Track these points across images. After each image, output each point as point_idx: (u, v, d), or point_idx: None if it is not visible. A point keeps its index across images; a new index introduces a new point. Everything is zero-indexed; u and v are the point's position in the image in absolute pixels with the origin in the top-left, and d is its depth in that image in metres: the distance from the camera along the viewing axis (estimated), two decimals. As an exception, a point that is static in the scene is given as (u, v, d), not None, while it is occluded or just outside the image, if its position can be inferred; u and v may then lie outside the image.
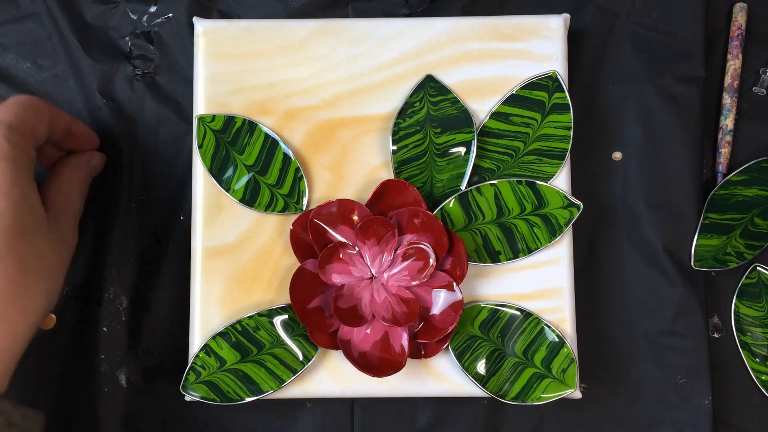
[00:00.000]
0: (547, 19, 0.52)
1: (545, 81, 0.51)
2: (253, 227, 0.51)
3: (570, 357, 0.49)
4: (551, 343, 0.50)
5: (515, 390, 0.49)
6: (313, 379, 0.50)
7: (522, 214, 0.51)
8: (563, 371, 0.49)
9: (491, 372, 0.50)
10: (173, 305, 0.54)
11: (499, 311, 0.50)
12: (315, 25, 0.52)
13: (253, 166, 0.51)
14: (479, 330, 0.50)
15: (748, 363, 0.53)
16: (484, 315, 0.50)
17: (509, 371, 0.50)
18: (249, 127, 0.51)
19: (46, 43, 0.57)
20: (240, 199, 0.51)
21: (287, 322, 0.50)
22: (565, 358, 0.49)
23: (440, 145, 0.51)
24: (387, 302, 0.48)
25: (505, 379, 0.50)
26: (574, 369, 0.49)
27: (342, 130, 0.52)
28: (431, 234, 0.48)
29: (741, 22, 0.55)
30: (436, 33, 0.52)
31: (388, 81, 0.52)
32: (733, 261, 0.53)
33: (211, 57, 0.52)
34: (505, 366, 0.50)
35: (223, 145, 0.51)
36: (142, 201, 0.55)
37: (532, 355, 0.50)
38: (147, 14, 0.57)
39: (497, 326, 0.50)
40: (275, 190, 0.51)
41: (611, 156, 0.55)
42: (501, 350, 0.50)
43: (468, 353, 0.50)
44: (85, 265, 0.54)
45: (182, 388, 0.50)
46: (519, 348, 0.50)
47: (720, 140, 0.55)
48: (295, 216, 0.50)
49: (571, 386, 0.49)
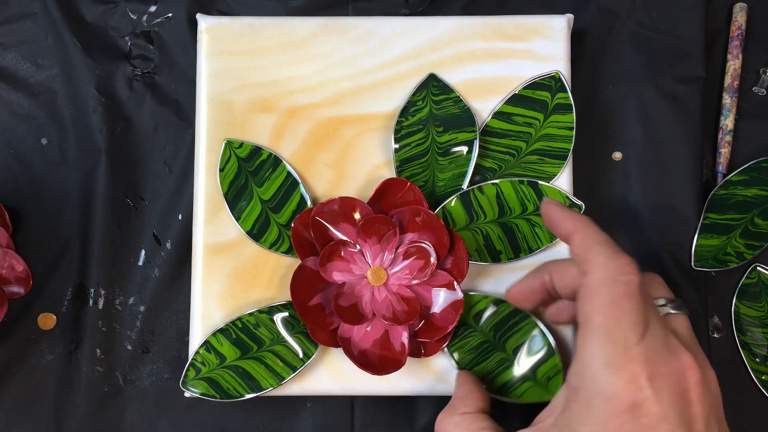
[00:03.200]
0: (551, 19, 0.52)
1: (548, 81, 0.51)
2: (254, 224, 0.51)
3: (558, 367, 0.49)
4: (542, 349, 0.49)
5: (497, 384, 0.49)
6: (313, 377, 0.50)
7: (524, 213, 0.51)
8: (548, 379, 0.49)
9: (475, 362, 0.49)
10: (173, 304, 0.54)
11: (499, 306, 0.50)
12: (318, 23, 0.52)
13: (268, 201, 0.51)
14: (473, 320, 0.50)
15: (748, 363, 0.53)
16: (482, 306, 0.50)
17: (494, 366, 0.49)
18: (273, 162, 0.51)
19: (45, 42, 0.56)
20: (248, 231, 0.51)
21: (288, 319, 0.50)
22: (552, 366, 0.49)
23: (442, 144, 0.51)
24: (387, 300, 0.48)
25: (489, 371, 0.49)
26: (559, 379, 0.49)
27: (344, 128, 0.52)
28: (432, 233, 0.48)
29: (741, 22, 0.56)
30: (439, 32, 0.52)
31: (390, 79, 0.52)
32: (733, 261, 0.53)
33: (214, 54, 0.52)
34: (491, 360, 0.49)
35: (243, 173, 0.51)
36: (141, 201, 0.55)
37: (520, 356, 0.49)
38: (147, 14, 0.57)
39: (493, 320, 0.50)
40: (284, 231, 0.51)
41: (611, 156, 0.55)
42: (490, 343, 0.50)
43: (456, 339, 0.50)
44: (85, 265, 0.54)
45: (182, 385, 0.50)
46: (510, 346, 0.49)
47: (720, 140, 0.55)
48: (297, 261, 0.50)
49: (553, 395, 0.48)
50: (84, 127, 0.55)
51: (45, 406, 0.53)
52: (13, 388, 0.53)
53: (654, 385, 0.36)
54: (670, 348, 0.38)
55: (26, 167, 0.55)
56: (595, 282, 0.39)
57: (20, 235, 0.54)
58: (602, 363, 0.37)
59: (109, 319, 0.54)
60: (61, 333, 0.54)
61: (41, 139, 0.56)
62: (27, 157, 0.55)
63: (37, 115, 0.56)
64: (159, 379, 0.54)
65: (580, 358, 0.38)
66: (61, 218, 0.55)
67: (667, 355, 0.38)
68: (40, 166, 0.55)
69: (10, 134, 0.56)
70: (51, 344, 0.54)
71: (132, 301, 0.54)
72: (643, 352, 0.37)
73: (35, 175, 0.55)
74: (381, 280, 0.49)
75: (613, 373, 0.37)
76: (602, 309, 0.38)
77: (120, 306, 0.54)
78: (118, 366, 0.54)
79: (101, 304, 0.54)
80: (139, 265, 0.55)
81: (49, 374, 0.53)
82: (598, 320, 0.38)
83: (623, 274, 0.39)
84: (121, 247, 0.55)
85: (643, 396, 0.36)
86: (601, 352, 0.37)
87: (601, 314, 0.38)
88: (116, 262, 0.54)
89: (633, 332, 0.37)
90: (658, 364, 0.37)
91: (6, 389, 0.53)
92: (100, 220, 0.54)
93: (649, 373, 0.36)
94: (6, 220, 0.53)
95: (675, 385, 0.37)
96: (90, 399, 0.53)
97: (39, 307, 0.54)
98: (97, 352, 0.54)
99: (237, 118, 0.52)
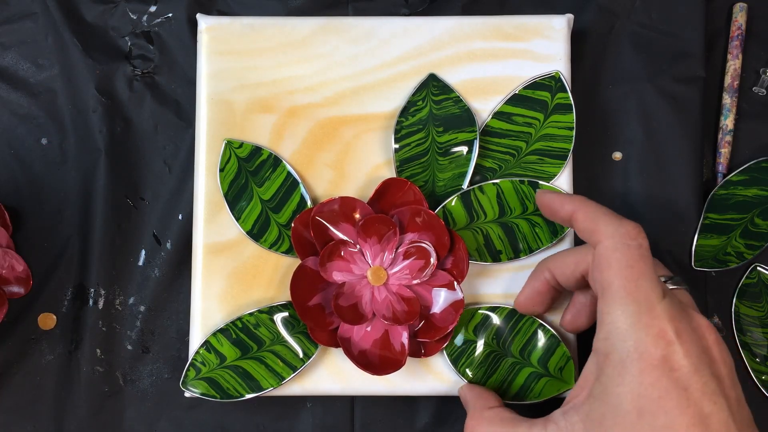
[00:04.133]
0: (551, 19, 0.52)
1: (548, 81, 0.51)
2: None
3: (566, 355, 0.49)
4: (546, 342, 0.50)
5: (513, 390, 0.49)
6: (313, 377, 0.50)
7: (524, 213, 0.51)
8: (560, 369, 0.49)
9: (489, 373, 0.49)
10: (173, 304, 0.54)
11: (492, 315, 0.50)
12: (318, 23, 0.52)
13: (268, 201, 0.51)
14: (473, 334, 0.50)
15: (748, 363, 0.53)
16: (477, 319, 0.50)
17: (506, 371, 0.49)
18: (273, 162, 0.51)
19: (45, 42, 0.56)
20: (248, 231, 0.51)
21: (288, 319, 0.50)
22: (561, 356, 0.49)
23: (442, 144, 0.51)
24: (387, 300, 0.48)
25: (503, 379, 0.49)
26: (571, 366, 0.49)
27: (344, 127, 0.52)
28: (432, 233, 0.48)
29: (741, 22, 0.56)
30: (439, 32, 0.52)
31: (390, 79, 0.52)
32: (733, 261, 0.53)
33: (214, 54, 0.52)
34: (502, 367, 0.50)
35: (244, 173, 0.51)
36: (141, 201, 0.55)
37: (528, 355, 0.50)
38: (147, 14, 0.57)
39: (492, 329, 0.50)
40: (284, 231, 0.51)
41: (611, 156, 0.55)
42: (497, 352, 0.50)
43: (463, 358, 0.50)
44: (85, 265, 0.54)
45: (182, 385, 0.50)
46: (515, 348, 0.50)
47: (720, 140, 0.55)
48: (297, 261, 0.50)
49: (570, 383, 0.49)
50: (84, 127, 0.55)
51: (45, 406, 0.53)
52: (13, 388, 0.53)
53: (681, 340, 0.37)
54: (685, 310, 0.39)
55: (26, 167, 0.55)
56: (607, 249, 0.40)
57: (20, 235, 0.54)
58: (629, 323, 0.38)
59: (109, 319, 0.54)
60: (61, 333, 0.54)
61: (41, 139, 0.56)
62: (27, 157, 0.55)
63: (37, 115, 0.56)
64: (159, 379, 0.54)
65: (606, 323, 0.39)
66: (61, 218, 0.55)
67: (685, 314, 0.39)
68: (40, 166, 0.55)
69: (10, 134, 0.56)
70: (51, 344, 0.54)
71: (132, 301, 0.54)
72: (666, 309, 0.38)
73: (35, 175, 0.55)
74: (381, 280, 0.49)
75: (641, 330, 0.37)
76: (620, 273, 0.39)
77: (120, 306, 0.54)
78: (118, 366, 0.54)
79: (101, 304, 0.54)
80: (139, 265, 0.55)
81: (49, 374, 0.53)
82: (617, 284, 0.39)
83: (633, 238, 0.40)
84: (121, 247, 0.55)
85: (673, 350, 0.37)
86: (626, 313, 0.38)
87: (620, 278, 0.39)
88: (116, 262, 0.54)
89: (654, 291, 0.38)
90: (681, 321, 0.38)
91: (6, 389, 0.53)
92: (100, 220, 0.54)
93: (675, 329, 0.37)
94: (6, 220, 0.53)
95: (698, 341, 0.38)
96: (90, 399, 0.53)
97: (39, 307, 0.54)
98: (97, 352, 0.54)
99: (237, 118, 0.52)
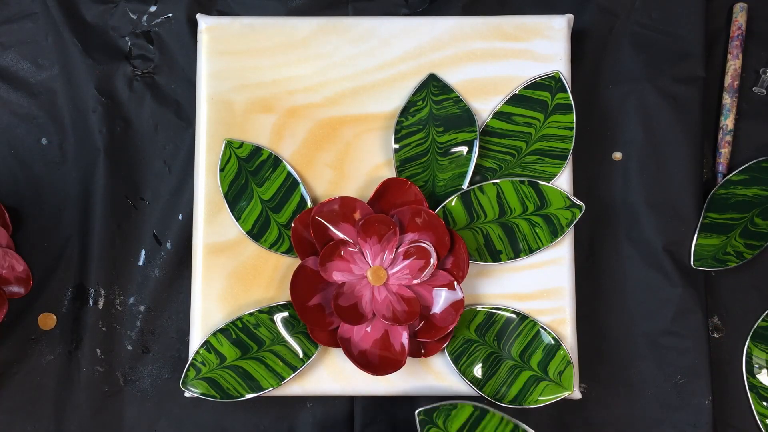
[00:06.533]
0: (551, 20, 0.52)
1: (548, 81, 0.51)
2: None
3: (566, 359, 0.49)
4: (547, 346, 0.50)
5: (512, 393, 0.49)
6: (313, 377, 0.50)
7: (524, 213, 0.51)
8: (560, 374, 0.49)
9: (488, 375, 0.49)
10: (173, 304, 0.54)
11: (495, 314, 0.50)
12: (318, 23, 0.52)
13: (268, 201, 0.51)
14: (475, 334, 0.50)
15: (755, 406, 0.53)
16: (480, 319, 0.50)
17: (506, 374, 0.49)
18: (273, 162, 0.51)
19: (45, 42, 0.56)
20: (248, 231, 0.51)
21: (288, 319, 0.50)
22: (561, 360, 0.49)
23: (442, 144, 0.51)
24: (387, 300, 0.48)
25: (502, 382, 0.49)
26: (570, 371, 0.49)
27: (344, 128, 0.52)
28: (433, 233, 0.48)
29: (741, 22, 0.56)
30: (439, 32, 0.52)
31: (390, 79, 0.52)
32: (732, 260, 0.53)
33: (214, 54, 0.52)
34: (502, 369, 0.50)
35: (244, 174, 0.51)
36: (141, 201, 0.55)
37: (528, 358, 0.49)
38: (147, 14, 0.57)
39: (493, 329, 0.50)
40: (284, 231, 0.51)
41: (611, 156, 0.55)
42: (497, 353, 0.50)
43: (464, 357, 0.50)
44: (85, 265, 0.54)
45: (182, 385, 0.50)
46: (515, 351, 0.50)
47: (720, 140, 0.55)
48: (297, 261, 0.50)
49: (568, 389, 0.49)
50: (84, 127, 0.55)
51: (45, 406, 0.53)
52: (13, 388, 0.53)
53: None
54: None
55: (26, 167, 0.55)
56: None
57: (20, 235, 0.54)
58: None
59: (109, 319, 0.54)
60: (61, 333, 0.54)
61: (41, 139, 0.56)
62: (27, 157, 0.55)
63: (37, 115, 0.56)
64: (159, 379, 0.54)
65: None
66: (61, 218, 0.55)
67: None
68: (40, 166, 0.55)
69: (10, 134, 0.56)
70: (51, 344, 0.54)
71: (132, 301, 0.54)
72: None
73: (35, 175, 0.55)
74: (381, 280, 0.49)
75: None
76: None
77: (120, 306, 0.54)
78: (118, 366, 0.54)
79: (101, 304, 0.54)
80: (139, 265, 0.55)
81: (49, 374, 0.53)
82: None
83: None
84: (121, 247, 0.55)
85: None
86: None
87: None
88: (116, 262, 0.54)
89: None
90: None
91: (6, 389, 0.53)
92: (100, 220, 0.54)
93: None
94: (6, 220, 0.53)
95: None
96: (90, 399, 0.53)
97: (39, 307, 0.54)
98: (97, 352, 0.54)
99: (237, 118, 0.52)
